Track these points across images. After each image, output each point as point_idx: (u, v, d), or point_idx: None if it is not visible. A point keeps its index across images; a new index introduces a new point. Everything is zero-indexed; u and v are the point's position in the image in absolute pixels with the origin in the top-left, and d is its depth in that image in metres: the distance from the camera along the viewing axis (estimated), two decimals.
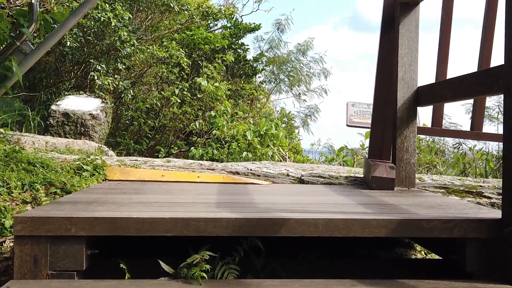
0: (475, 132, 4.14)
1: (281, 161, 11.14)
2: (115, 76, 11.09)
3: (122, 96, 11.65)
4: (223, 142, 12.14)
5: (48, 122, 7.58)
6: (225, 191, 3.67)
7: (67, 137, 7.54)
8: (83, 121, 7.57)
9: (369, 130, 8.94)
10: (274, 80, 15.34)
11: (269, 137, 11.08)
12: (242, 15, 16.40)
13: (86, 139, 7.55)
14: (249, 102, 14.31)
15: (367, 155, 4.53)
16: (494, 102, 13.82)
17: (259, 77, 14.92)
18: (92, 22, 10.56)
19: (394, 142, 4.09)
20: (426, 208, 2.98)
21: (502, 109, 13.58)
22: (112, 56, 11.31)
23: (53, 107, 7.71)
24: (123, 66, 11.31)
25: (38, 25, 3.89)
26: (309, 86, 15.52)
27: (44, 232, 2.46)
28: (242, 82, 13.98)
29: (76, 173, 4.11)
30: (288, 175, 4.60)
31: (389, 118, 4.27)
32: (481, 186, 4.42)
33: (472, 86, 3.20)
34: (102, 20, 10.64)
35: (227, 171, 4.54)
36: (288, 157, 10.88)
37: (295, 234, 2.53)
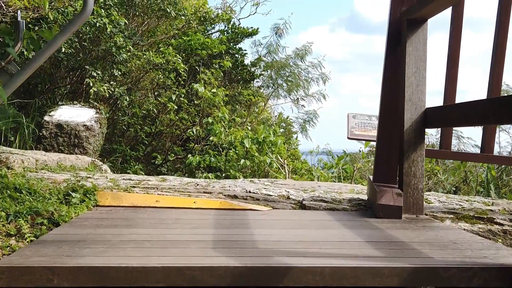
0: (486, 155, 3.90)
1: (279, 168, 10.90)
2: (111, 82, 10.85)
3: (118, 102, 11.40)
4: (221, 149, 11.91)
5: (41, 134, 7.32)
6: (222, 222, 3.42)
7: (61, 149, 7.29)
8: (76, 132, 7.32)
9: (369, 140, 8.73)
10: (272, 85, 15.09)
11: (267, 144, 10.85)
12: (239, 18, 16.15)
13: (80, 151, 7.30)
14: (246, 107, 14.06)
15: (371, 177, 4.29)
16: None
17: (256, 81, 14.68)
18: (87, 28, 10.30)
19: (401, 166, 3.86)
20: (440, 248, 2.74)
21: None
22: (108, 62, 11.06)
23: (46, 118, 7.45)
24: (119, 73, 11.06)
25: (25, 44, 3.65)
26: (307, 91, 15.28)
27: (23, 283, 2.22)
28: (240, 87, 13.73)
29: (65, 199, 3.87)
30: (288, 197, 4.36)
31: (395, 139, 4.04)
32: (491, 210, 4.18)
33: (488, 113, 2.96)
34: (97, 25, 10.39)
35: (224, 195, 4.29)
36: (287, 165, 10.64)
37: (299, 284, 2.30)
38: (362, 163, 11.89)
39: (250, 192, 4.47)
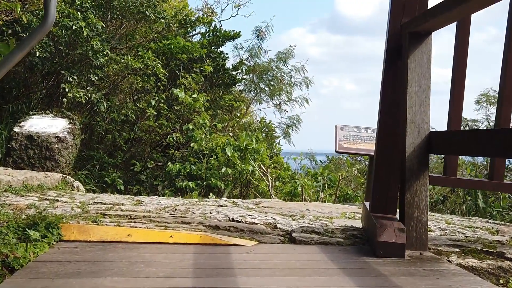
0: (495, 182, 3.47)
1: (261, 177, 10.44)
2: (88, 88, 10.31)
3: (95, 108, 10.87)
4: (201, 156, 11.44)
5: (10, 146, 6.78)
6: (202, 266, 2.92)
7: (31, 162, 6.74)
8: (48, 144, 6.78)
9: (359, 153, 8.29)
10: (254, 89, 14.60)
11: (249, 152, 10.38)
12: (221, 20, 15.66)
13: (52, 164, 6.76)
14: (228, 112, 13.58)
15: (367, 205, 3.83)
16: (483, 115, 13.19)
17: (238, 85, 14.18)
18: (63, 31, 9.74)
19: (402, 196, 3.40)
20: None
21: (492, 123, 12.99)
22: (85, 67, 10.52)
23: (16, 129, 6.90)
24: (96, 78, 10.52)
25: None
26: (290, 96, 14.81)
27: None
28: (221, 92, 13.24)
29: (24, 234, 3.36)
30: (275, 227, 3.88)
31: (396, 164, 3.59)
32: (498, 241, 3.75)
33: (508, 145, 2.52)
34: (74, 28, 9.84)
35: (205, 225, 3.80)
36: (270, 173, 10.17)
37: None
38: (346, 170, 11.47)
39: (233, 220, 3.99)
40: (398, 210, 3.58)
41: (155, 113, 11.16)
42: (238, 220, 3.98)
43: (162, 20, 11.54)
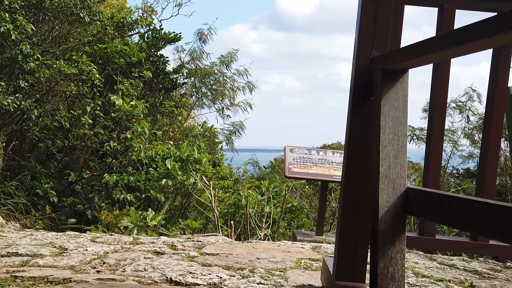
0: (480, 243, 2.90)
1: (203, 189, 9.74)
2: (17, 94, 9.39)
3: (25, 116, 9.95)
4: (140, 166, 10.69)
5: None
6: None
7: None
8: None
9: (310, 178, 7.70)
10: (196, 94, 13.85)
11: (191, 163, 9.69)
12: (161, 20, 14.83)
13: None
14: (168, 117, 12.81)
15: (330, 268, 3.21)
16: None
17: (179, 89, 13.41)
18: None
19: (374, 263, 2.79)
20: None
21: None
22: (13, 72, 9.59)
23: None
24: (26, 84, 9.61)
25: None
26: (233, 101, 14.11)
27: None
28: (161, 97, 12.45)
29: None
30: None
31: (365, 224, 2.99)
32: None
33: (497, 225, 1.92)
34: (1, 31, 8.93)
35: None
36: (212, 187, 9.47)
37: None
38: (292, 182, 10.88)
39: (171, 281, 3.31)
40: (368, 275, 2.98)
41: (91, 121, 10.31)
42: (178, 281, 3.30)
43: (98, 23, 10.67)
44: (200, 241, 4.60)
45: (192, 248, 4.29)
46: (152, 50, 12.21)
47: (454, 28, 3.15)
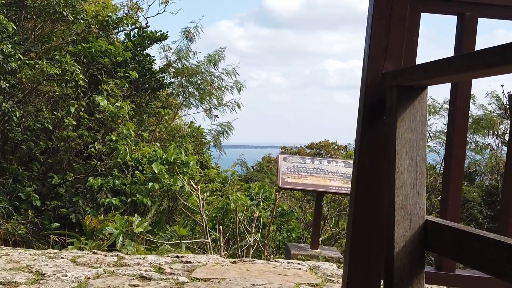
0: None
1: (191, 193, 9.37)
2: None
3: (6, 118, 9.52)
4: (126, 169, 10.28)
5: None
6: None
7: None
8: None
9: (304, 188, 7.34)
10: (183, 93, 13.43)
11: (178, 166, 9.32)
12: (147, 17, 14.34)
13: None
14: (155, 118, 12.40)
15: None
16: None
17: (166, 89, 12.98)
18: None
19: None
20: None
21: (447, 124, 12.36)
22: None
23: None
24: (7, 85, 9.17)
25: None
26: (221, 100, 13.71)
27: None
28: (147, 97, 12.03)
29: None
30: None
31: (376, 258, 2.64)
32: None
33: None
34: None
35: None
36: (200, 191, 9.10)
37: None
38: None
39: None
40: None
41: (75, 123, 9.89)
42: None
43: (82, 21, 10.23)
44: (190, 262, 4.23)
45: (181, 272, 3.92)
46: (138, 49, 11.79)
47: (476, 39, 2.82)
